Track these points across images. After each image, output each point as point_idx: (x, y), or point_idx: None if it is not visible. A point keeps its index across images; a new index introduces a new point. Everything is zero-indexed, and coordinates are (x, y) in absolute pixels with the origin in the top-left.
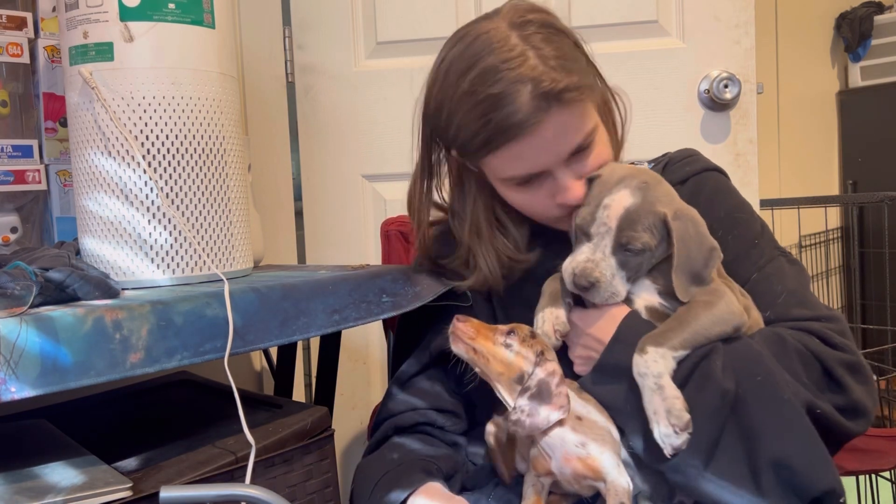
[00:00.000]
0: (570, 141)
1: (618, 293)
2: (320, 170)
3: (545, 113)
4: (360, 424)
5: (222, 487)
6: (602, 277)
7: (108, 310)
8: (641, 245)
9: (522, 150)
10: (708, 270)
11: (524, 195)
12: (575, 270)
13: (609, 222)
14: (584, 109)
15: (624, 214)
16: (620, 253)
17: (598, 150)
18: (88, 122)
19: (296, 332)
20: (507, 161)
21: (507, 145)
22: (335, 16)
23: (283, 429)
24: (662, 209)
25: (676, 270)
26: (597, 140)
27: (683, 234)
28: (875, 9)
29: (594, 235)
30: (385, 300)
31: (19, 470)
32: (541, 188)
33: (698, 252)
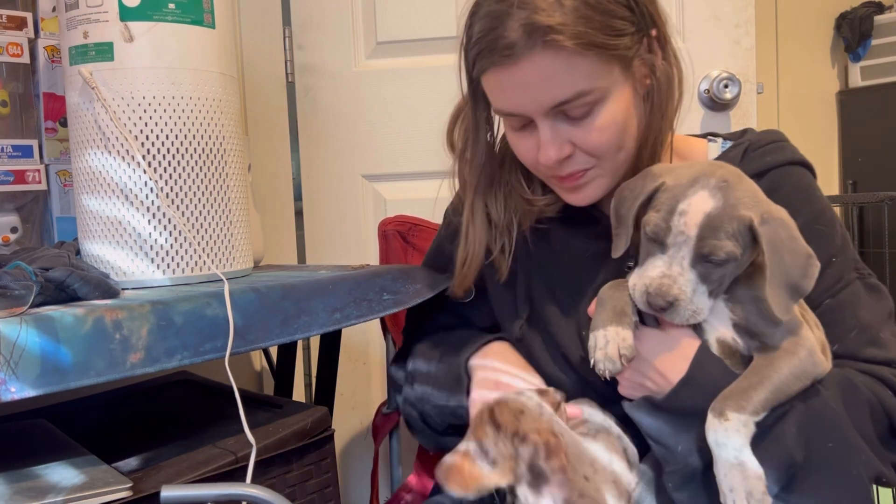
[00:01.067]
0: (553, 92)
1: (699, 311)
2: (320, 170)
3: (528, 50)
4: (360, 424)
5: (223, 487)
6: (682, 295)
7: (108, 310)
8: (725, 255)
9: (503, 82)
10: (807, 281)
11: (514, 136)
12: (649, 289)
13: (688, 230)
14: (581, 64)
15: (705, 221)
16: (701, 265)
17: (600, 122)
18: (88, 122)
19: (297, 330)
20: (491, 89)
21: (490, 69)
22: (335, 16)
23: (283, 429)
24: (747, 213)
25: (771, 284)
26: (601, 110)
27: (774, 241)
28: (875, 9)
29: (670, 246)
30: (386, 298)
31: (19, 470)
32: (529, 136)
33: (793, 260)
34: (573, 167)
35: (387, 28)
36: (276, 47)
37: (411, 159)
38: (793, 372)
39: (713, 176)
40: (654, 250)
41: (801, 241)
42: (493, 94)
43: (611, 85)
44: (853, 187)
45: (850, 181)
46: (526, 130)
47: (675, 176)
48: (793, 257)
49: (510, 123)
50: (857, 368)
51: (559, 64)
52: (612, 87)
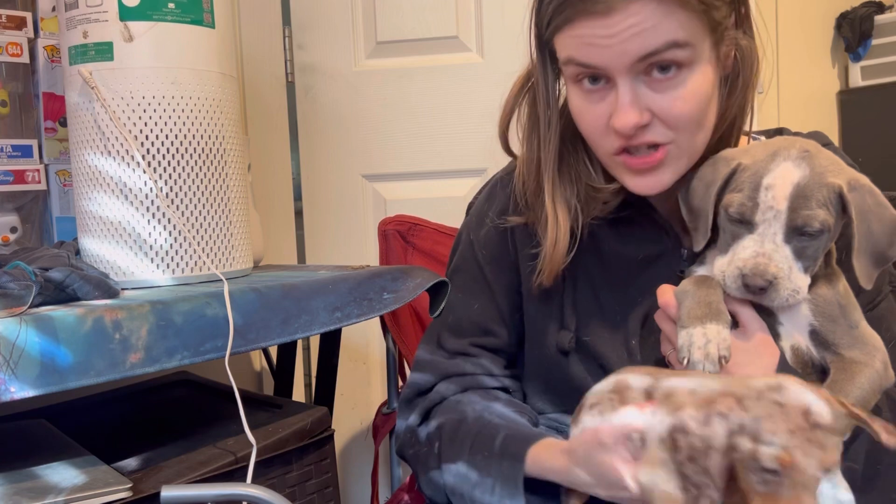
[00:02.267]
0: (645, 41)
1: (799, 289)
2: (320, 170)
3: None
4: (360, 424)
5: (223, 487)
6: (780, 272)
7: (108, 310)
8: (820, 224)
9: (586, 34)
10: (893, 248)
11: (584, 101)
12: (744, 270)
13: (777, 204)
14: (678, 14)
15: (794, 192)
16: (795, 240)
17: (687, 90)
18: (88, 122)
19: (297, 330)
20: (570, 42)
21: (574, 22)
22: (335, 16)
23: (283, 429)
24: (836, 180)
25: (858, 251)
26: (689, 74)
27: (862, 208)
28: (875, 9)
29: (759, 224)
30: (386, 296)
31: (19, 470)
32: (602, 100)
33: (881, 228)
34: (648, 137)
35: (387, 28)
36: (276, 47)
37: (411, 159)
38: (872, 386)
39: (793, 147)
40: (740, 232)
41: (889, 209)
42: (573, 48)
43: (701, 52)
44: None
45: None
46: (598, 94)
47: (751, 155)
48: (880, 224)
49: (581, 83)
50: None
51: (658, 14)
52: (702, 54)
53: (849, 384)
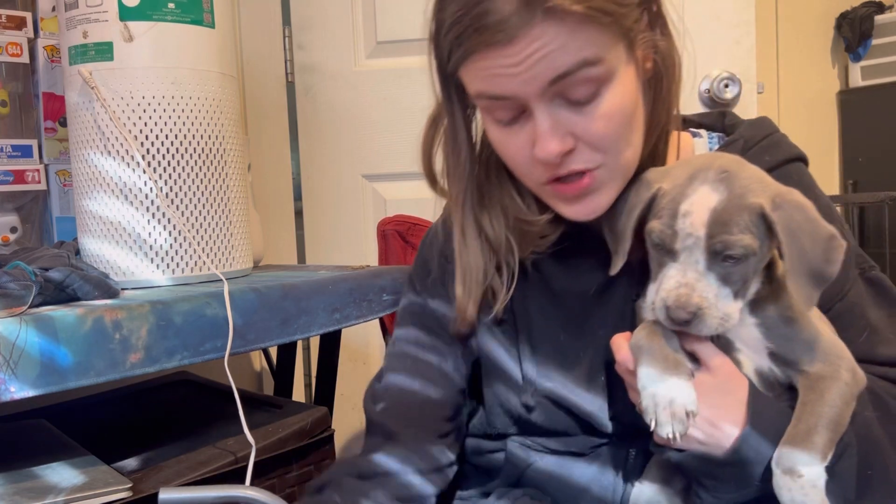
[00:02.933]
0: (553, 64)
1: (728, 317)
2: (320, 170)
3: (527, 23)
4: (360, 424)
5: (221, 489)
6: (704, 302)
7: (108, 310)
8: (742, 249)
9: (493, 65)
10: (831, 266)
11: (502, 134)
12: (667, 302)
13: (695, 231)
14: (584, 31)
15: (712, 217)
16: (718, 266)
17: (606, 107)
18: (88, 122)
19: (297, 330)
20: (478, 75)
21: (475, 54)
22: (335, 16)
23: (283, 429)
24: (757, 200)
25: (791, 273)
26: (609, 94)
27: (790, 225)
28: (875, 8)
29: (680, 252)
30: (386, 298)
31: (19, 470)
32: (522, 129)
33: (813, 244)
34: (575, 165)
35: (387, 28)
36: (276, 47)
37: (411, 159)
38: (843, 399)
39: (711, 168)
40: (665, 260)
41: (821, 223)
42: (479, 81)
43: (617, 64)
44: (853, 187)
45: (851, 181)
46: (516, 124)
47: (671, 178)
48: (812, 241)
49: (497, 117)
50: (874, 373)
51: (562, 33)
52: (618, 66)
53: (820, 405)
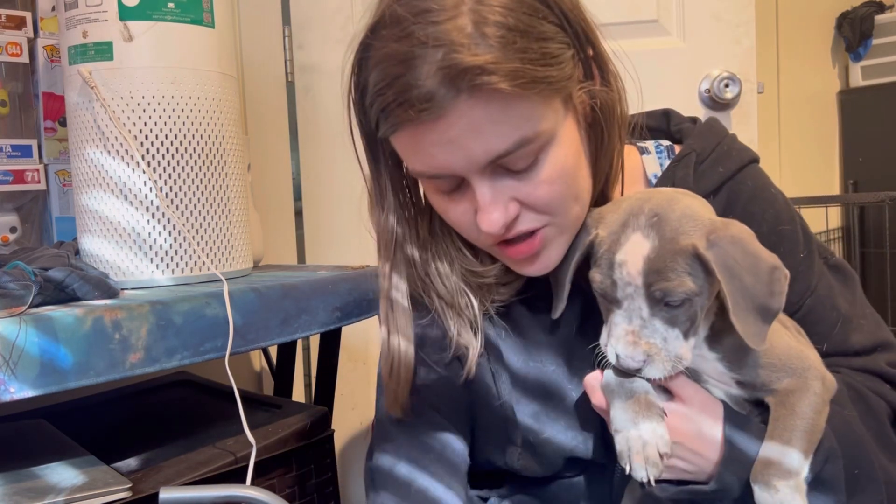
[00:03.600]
0: (488, 144)
1: (681, 358)
2: (320, 170)
3: (452, 100)
4: (360, 424)
5: (221, 489)
6: (652, 349)
7: (108, 310)
8: (683, 293)
9: (422, 141)
10: (776, 298)
11: (444, 202)
12: (617, 351)
13: (633, 280)
14: (522, 107)
15: (646, 266)
16: (662, 311)
17: (549, 172)
18: (88, 122)
19: (297, 329)
20: (408, 149)
21: (403, 127)
22: (335, 16)
23: (283, 429)
24: (689, 241)
25: (735, 311)
26: (549, 156)
27: (726, 263)
28: (876, 8)
29: (622, 300)
30: None
31: (19, 470)
32: (462, 199)
33: (755, 279)
34: (522, 227)
35: None
36: (276, 47)
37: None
38: (815, 409)
39: (642, 213)
40: (611, 307)
41: (762, 254)
42: (410, 155)
43: (555, 125)
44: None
45: (851, 181)
46: (457, 193)
47: (606, 224)
48: (753, 276)
49: (436, 187)
50: (851, 367)
51: (493, 111)
52: (556, 127)
53: (792, 419)
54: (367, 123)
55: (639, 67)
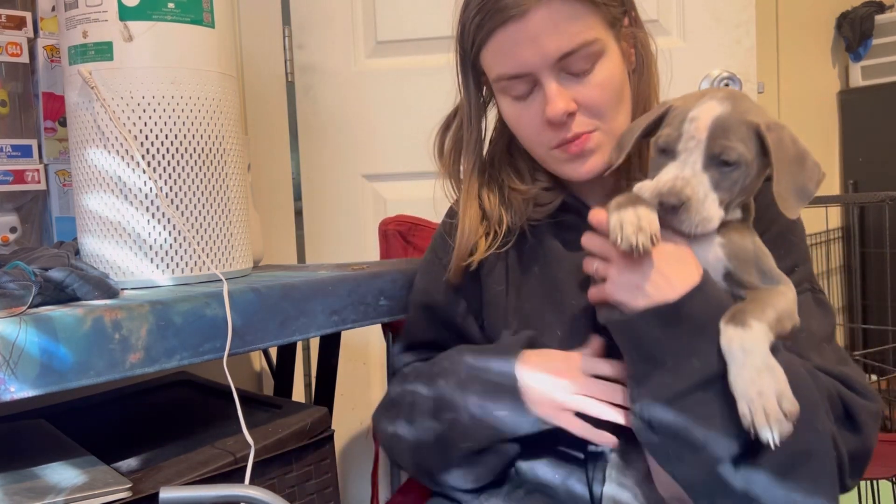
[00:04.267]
0: (560, 41)
1: (710, 218)
2: (320, 170)
3: (536, 1)
4: (360, 424)
5: (222, 488)
6: (694, 195)
7: (108, 310)
8: (737, 156)
9: (507, 41)
10: (813, 184)
11: (516, 108)
12: (661, 188)
13: (698, 134)
14: (584, 15)
15: (715, 123)
16: (714, 168)
17: (600, 77)
18: (88, 122)
19: (295, 332)
20: (494, 55)
21: (494, 33)
22: (335, 16)
23: (283, 429)
24: (755, 119)
25: (779, 184)
26: (601, 64)
27: (781, 143)
28: (876, 8)
29: (681, 152)
30: (382, 304)
31: (19, 470)
32: (533, 102)
33: (799, 163)
34: (577, 128)
35: (387, 28)
36: (276, 47)
37: (411, 159)
38: (789, 304)
39: (721, 91)
40: (666, 162)
41: (808, 151)
42: (498, 60)
43: (608, 45)
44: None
45: (851, 181)
46: (529, 98)
47: (684, 99)
48: (799, 160)
49: (513, 94)
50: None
51: (566, 12)
52: (609, 47)
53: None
54: (465, 48)
55: None
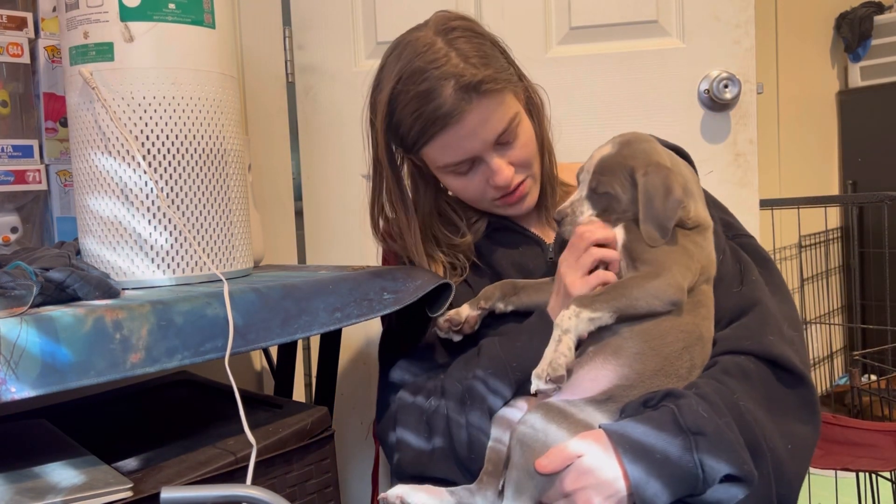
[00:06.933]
0: (494, 127)
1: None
2: (320, 170)
3: (468, 104)
4: (360, 424)
5: (223, 488)
6: (571, 214)
7: (109, 310)
8: (606, 189)
9: (451, 139)
10: (669, 220)
11: (462, 181)
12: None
13: (588, 169)
14: (503, 99)
15: (598, 163)
16: (593, 196)
17: (523, 139)
18: (89, 123)
19: (297, 330)
20: (439, 150)
21: (437, 136)
22: (335, 16)
23: (284, 429)
24: (632, 163)
25: (643, 220)
26: (521, 129)
27: (647, 187)
28: (875, 9)
29: (580, 182)
30: (387, 297)
31: (19, 470)
32: (476, 174)
33: (662, 203)
34: (515, 181)
35: (387, 28)
36: (276, 47)
37: None
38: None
39: (624, 136)
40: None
41: (676, 190)
42: (440, 155)
43: (520, 108)
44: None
45: (850, 181)
46: (471, 172)
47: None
48: (663, 201)
49: (456, 171)
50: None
51: (493, 105)
52: (520, 109)
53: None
54: (406, 145)
55: (638, 68)
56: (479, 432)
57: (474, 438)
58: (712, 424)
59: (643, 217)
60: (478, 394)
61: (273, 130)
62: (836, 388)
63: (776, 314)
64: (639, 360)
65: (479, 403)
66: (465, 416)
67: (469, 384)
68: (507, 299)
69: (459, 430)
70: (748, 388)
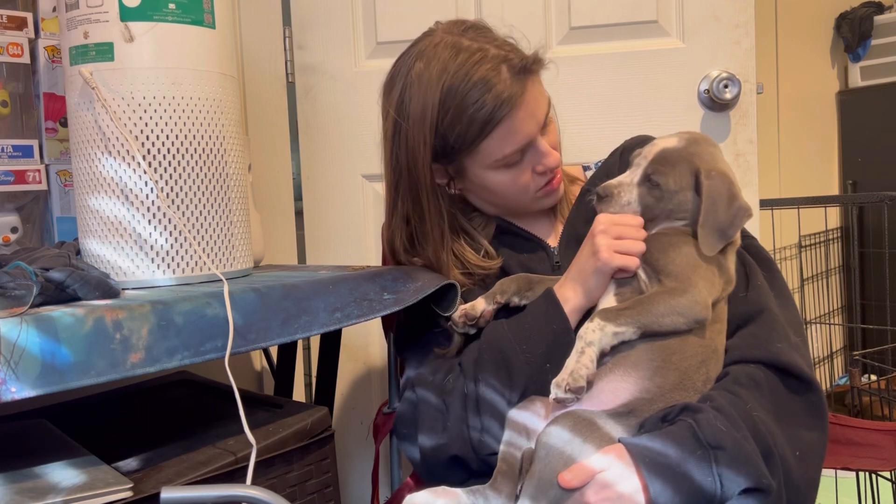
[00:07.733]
0: (543, 107)
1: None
2: (320, 170)
3: (524, 84)
4: (360, 424)
5: (223, 488)
6: (617, 195)
7: (109, 310)
8: (662, 181)
9: (515, 123)
10: (733, 229)
11: (511, 174)
12: (606, 182)
13: (648, 155)
14: (539, 79)
15: (660, 152)
16: (645, 184)
17: (553, 127)
18: (89, 123)
19: (297, 330)
20: (502, 139)
21: (503, 121)
22: (335, 16)
23: (284, 429)
24: (699, 163)
25: (703, 226)
26: (550, 114)
27: (712, 191)
28: (875, 9)
29: (633, 165)
30: (387, 297)
31: (19, 470)
32: (524, 162)
33: (726, 210)
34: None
35: (387, 28)
36: (276, 47)
37: None
38: (668, 306)
39: (689, 133)
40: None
41: (740, 197)
42: (502, 145)
43: None
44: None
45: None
46: (520, 163)
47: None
48: (726, 207)
49: (508, 163)
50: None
51: (538, 84)
52: None
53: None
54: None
55: (638, 68)
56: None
57: (483, 439)
58: (731, 438)
59: (703, 221)
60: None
61: (273, 130)
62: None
63: (782, 320)
64: (659, 374)
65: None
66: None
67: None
68: (522, 293)
69: (469, 430)
70: (758, 396)
